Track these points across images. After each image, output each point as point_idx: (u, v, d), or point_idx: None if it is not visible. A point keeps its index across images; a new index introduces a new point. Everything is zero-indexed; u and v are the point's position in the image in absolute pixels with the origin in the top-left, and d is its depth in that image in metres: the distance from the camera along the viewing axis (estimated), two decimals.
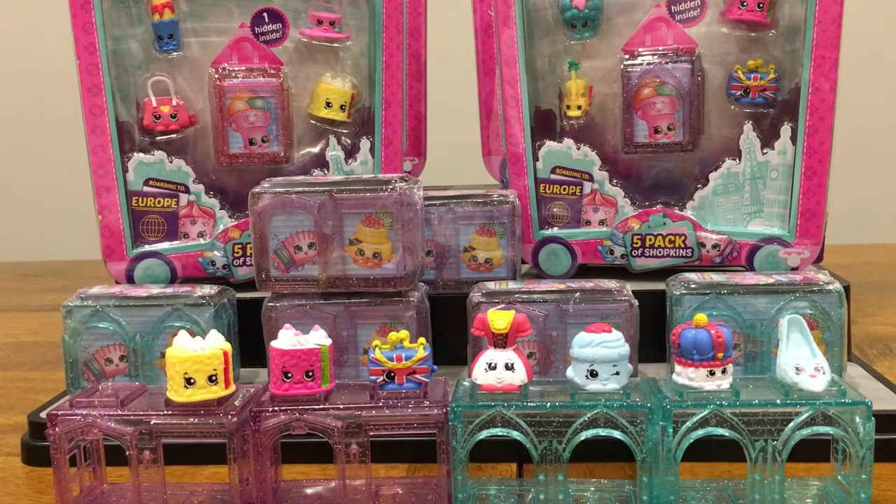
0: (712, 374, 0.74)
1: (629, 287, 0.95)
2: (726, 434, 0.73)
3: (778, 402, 0.73)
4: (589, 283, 0.96)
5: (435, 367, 0.78)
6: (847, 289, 0.99)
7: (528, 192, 1.10)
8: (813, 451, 0.80)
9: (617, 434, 0.74)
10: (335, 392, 0.78)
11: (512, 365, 0.75)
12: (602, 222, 1.11)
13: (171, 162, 1.10)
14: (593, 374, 0.74)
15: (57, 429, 0.76)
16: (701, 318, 0.74)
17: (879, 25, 2.01)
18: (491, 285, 0.96)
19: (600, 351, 0.74)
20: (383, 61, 1.08)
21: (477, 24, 1.35)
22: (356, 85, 1.10)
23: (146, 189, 1.10)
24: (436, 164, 1.39)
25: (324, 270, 0.94)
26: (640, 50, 1.07)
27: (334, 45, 1.10)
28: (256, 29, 1.09)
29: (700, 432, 0.73)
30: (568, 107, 1.09)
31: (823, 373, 0.74)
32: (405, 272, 0.93)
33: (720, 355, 0.73)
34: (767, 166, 1.07)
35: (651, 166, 1.10)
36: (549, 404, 0.74)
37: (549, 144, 1.10)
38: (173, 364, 0.75)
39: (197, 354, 0.75)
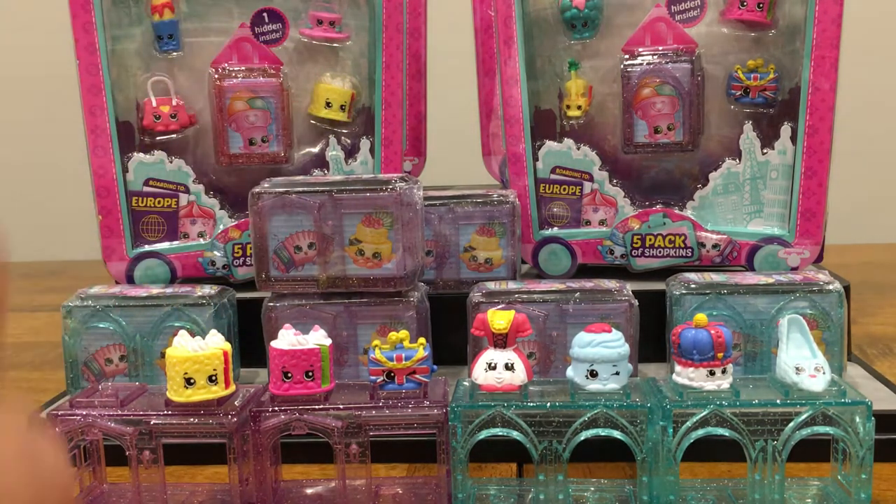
0: (712, 374, 0.74)
1: (629, 287, 0.95)
2: (726, 434, 0.73)
3: (778, 402, 0.73)
4: (589, 283, 0.96)
5: (435, 367, 0.78)
6: (847, 289, 0.99)
7: (528, 192, 1.10)
8: (813, 451, 0.80)
9: (617, 434, 0.74)
10: (335, 392, 0.78)
11: (512, 365, 0.75)
12: (602, 222, 1.11)
13: (171, 162, 1.10)
14: (593, 374, 0.74)
15: (57, 429, 0.76)
16: (701, 318, 0.74)
17: (879, 25, 2.01)
18: (491, 285, 0.96)
19: (600, 351, 0.74)
20: (383, 61, 1.08)
21: (477, 24, 1.35)
22: (356, 85, 1.10)
23: (146, 189, 1.10)
24: (436, 164, 1.39)
25: (324, 270, 0.93)
26: (640, 50, 1.07)
27: (334, 45, 1.10)
28: (256, 29, 1.09)
29: (700, 432, 0.73)
30: (568, 107, 1.09)
31: (823, 373, 0.74)
32: (405, 272, 0.93)
33: (720, 355, 0.73)
34: (767, 166, 1.07)
35: (651, 166, 1.10)
36: (549, 404, 0.74)
37: (549, 144, 1.10)
38: (173, 364, 0.75)
39: (197, 354, 0.75)
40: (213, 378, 0.75)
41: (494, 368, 0.75)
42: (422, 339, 0.77)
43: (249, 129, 1.09)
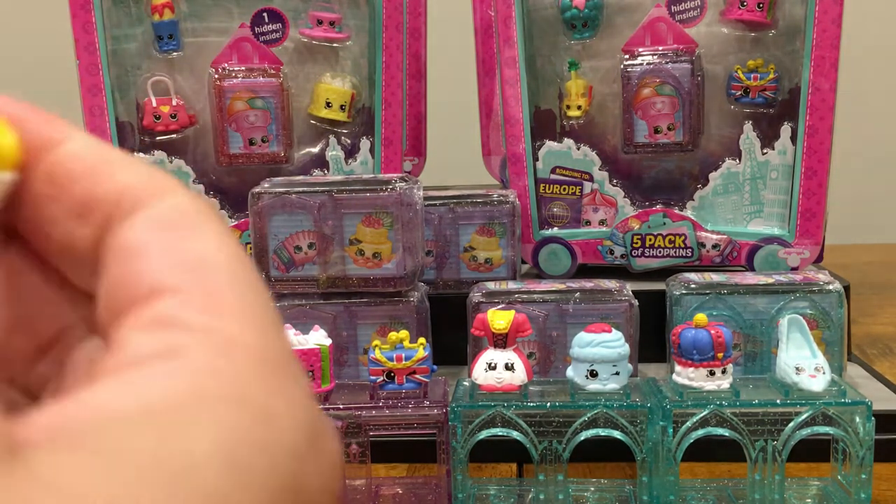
0: (712, 374, 0.74)
1: (629, 287, 0.95)
2: (726, 434, 0.73)
3: (778, 402, 0.73)
4: (589, 283, 0.96)
5: (435, 367, 0.78)
6: (847, 289, 0.99)
7: (528, 192, 1.10)
8: (813, 451, 0.80)
9: (617, 434, 0.74)
10: (335, 392, 0.78)
11: (512, 365, 0.75)
12: (602, 222, 1.11)
13: (171, 162, 1.10)
14: (593, 374, 0.74)
15: None
16: (701, 318, 0.74)
17: (879, 25, 2.01)
18: (491, 285, 0.96)
19: (600, 351, 0.74)
20: (383, 61, 1.08)
21: (477, 24, 1.35)
22: (356, 85, 1.10)
23: None
24: (436, 164, 1.39)
25: (324, 270, 0.93)
26: (640, 50, 1.07)
27: (334, 45, 1.10)
28: (256, 29, 1.09)
29: (700, 432, 0.73)
30: (568, 107, 1.09)
31: (823, 373, 0.74)
32: (405, 272, 0.93)
33: (720, 355, 0.73)
34: (767, 166, 1.07)
35: (651, 166, 1.10)
36: (549, 404, 0.74)
37: (549, 144, 1.10)
38: None
39: None
40: None
41: (494, 368, 0.75)
42: (422, 339, 0.77)
43: (249, 129, 1.09)
